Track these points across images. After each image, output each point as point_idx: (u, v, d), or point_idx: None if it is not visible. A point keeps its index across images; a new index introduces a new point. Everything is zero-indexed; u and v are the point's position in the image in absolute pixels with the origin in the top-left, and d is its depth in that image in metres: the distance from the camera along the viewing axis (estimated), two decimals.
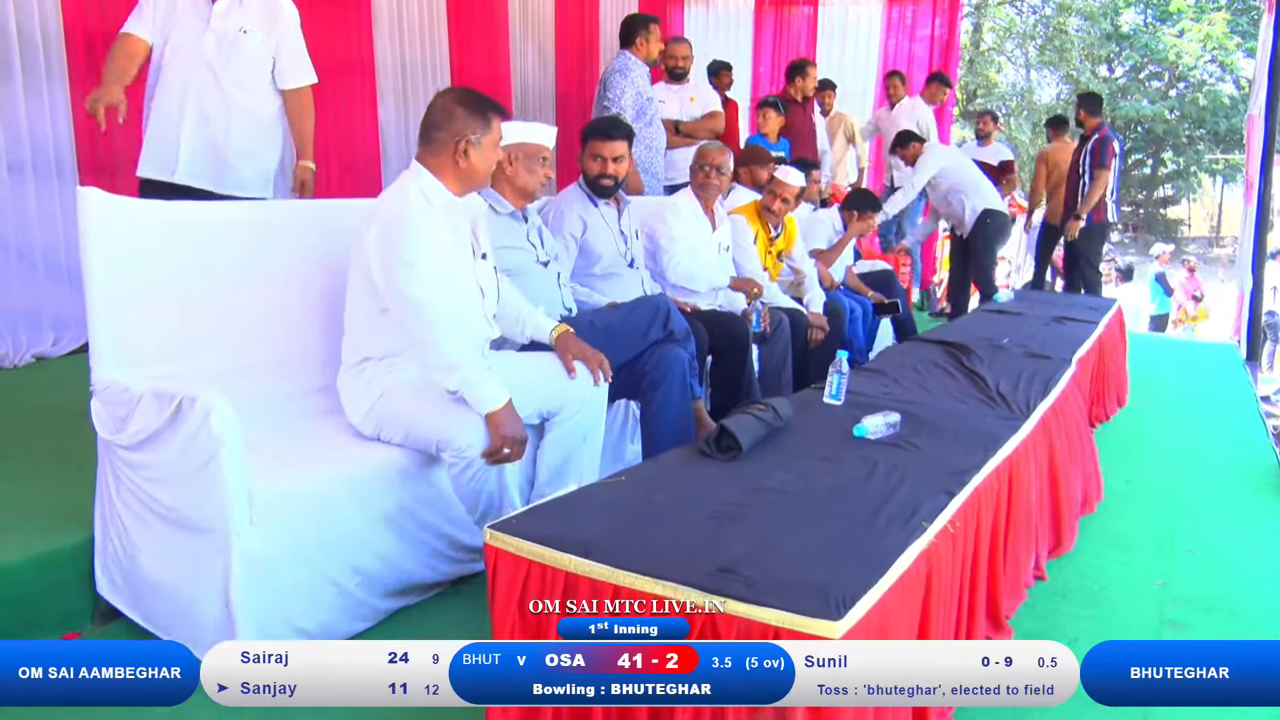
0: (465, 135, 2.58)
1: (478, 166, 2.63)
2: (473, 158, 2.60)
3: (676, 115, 5.63)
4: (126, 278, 2.48)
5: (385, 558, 2.55)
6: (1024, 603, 2.79)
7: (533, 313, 2.94)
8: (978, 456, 2.49)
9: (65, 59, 4.67)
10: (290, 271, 2.90)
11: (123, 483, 2.42)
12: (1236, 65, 23.20)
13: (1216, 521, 3.63)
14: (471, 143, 2.59)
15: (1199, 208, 28.79)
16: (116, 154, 4.99)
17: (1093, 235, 6.92)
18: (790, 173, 4.63)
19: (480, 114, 2.60)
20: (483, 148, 2.61)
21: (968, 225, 6.65)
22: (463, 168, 2.61)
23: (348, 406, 2.72)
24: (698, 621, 1.65)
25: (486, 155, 2.64)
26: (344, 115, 6.31)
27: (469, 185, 2.67)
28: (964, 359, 3.63)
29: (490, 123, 2.62)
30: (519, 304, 2.95)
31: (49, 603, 2.46)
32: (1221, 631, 2.72)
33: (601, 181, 3.62)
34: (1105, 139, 6.75)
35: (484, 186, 2.75)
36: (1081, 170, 6.81)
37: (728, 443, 2.41)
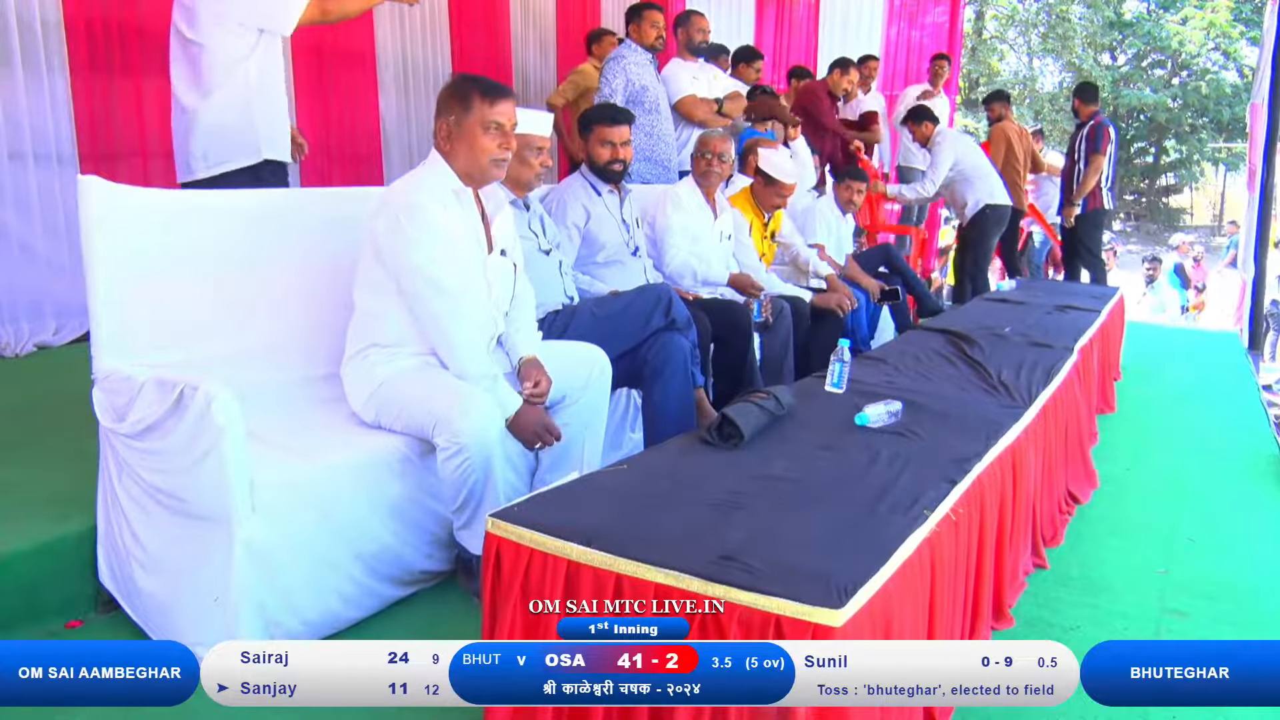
0: (445, 118, 2.58)
1: (462, 149, 2.59)
2: (455, 141, 2.58)
3: (706, 93, 5.40)
4: (127, 266, 2.48)
5: (386, 546, 2.56)
6: (1025, 591, 2.80)
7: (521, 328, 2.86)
8: (979, 445, 2.49)
9: (66, 48, 4.68)
10: (291, 259, 2.89)
11: (125, 471, 2.43)
12: (1239, 53, 23.14)
13: (1218, 510, 3.63)
14: (450, 124, 2.58)
15: (1201, 196, 28.74)
16: (117, 142, 5.00)
17: (1090, 222, 6.90)
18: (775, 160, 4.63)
19: (459, 96, 2.57)
20: (464, 129, 2.57)
21: (967, 215, 6.65)
22: (448, 151, 2.60)
23: (350, 393, 2.72)
24: (698, 614, 1.65)
25: (471, 136, 2.57)
26: (346, 106, 6.31)
27: (469, 170, 2.62)
28: (966, 348, 3.63)
29: (470, 103, 2.56)
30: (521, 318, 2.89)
31: (51, 590, 2.48)
32: (1223, 619, 2.72)
33: (612, 167, 3.61)
34: (1100, 125, 6.75)
35: (488, 172, 2.65)
36: (1077, 157, 6.80)
37: (729, 431, 2.41)
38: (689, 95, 5.32)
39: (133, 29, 4.94)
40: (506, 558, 1.88)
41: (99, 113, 4.86)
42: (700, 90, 5.40)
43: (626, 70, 4.89)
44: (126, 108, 4.98)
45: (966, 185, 6.61)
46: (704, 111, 5.34)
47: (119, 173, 4.70)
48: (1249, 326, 7.41)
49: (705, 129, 4.96)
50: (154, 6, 5.06)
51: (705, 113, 5.34)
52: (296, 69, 5.92)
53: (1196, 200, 28.75)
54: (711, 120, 5.34)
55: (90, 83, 4.81)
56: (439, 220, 2.55)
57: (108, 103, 4.89)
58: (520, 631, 1.84)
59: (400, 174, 2.74)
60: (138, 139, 5.04)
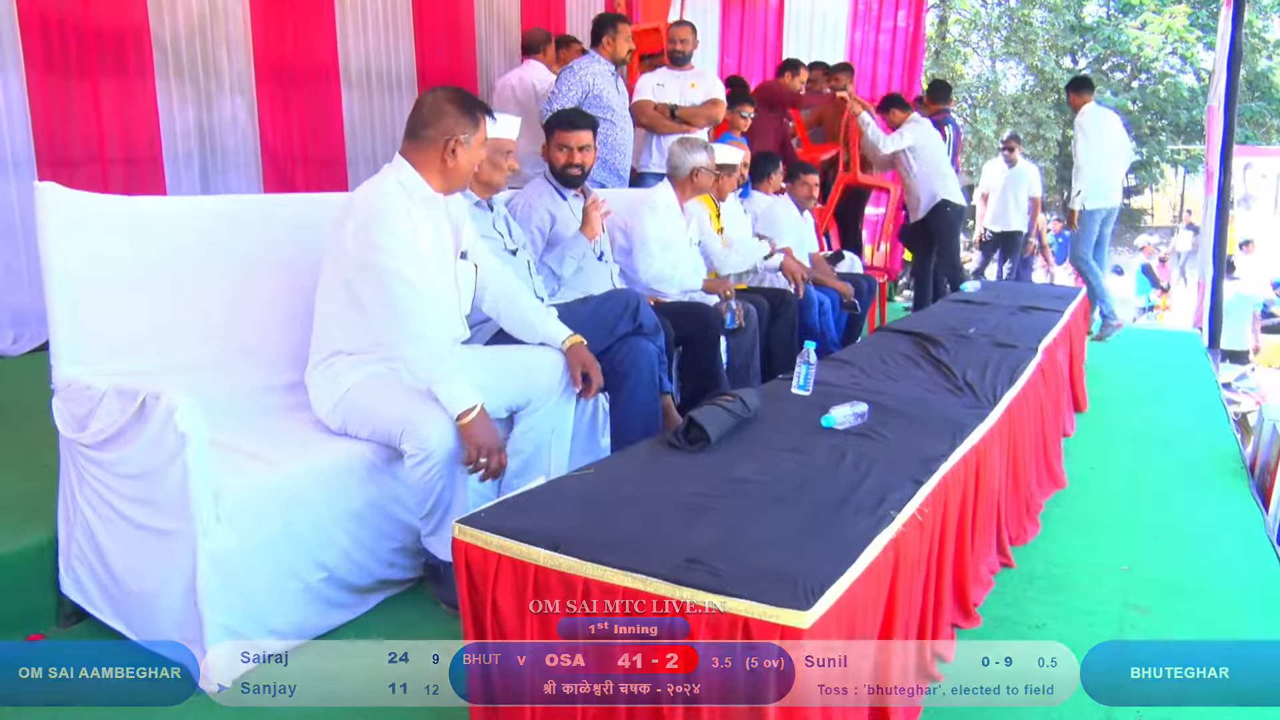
0: (455, 134, 2.60)
1: (464, 166, 2.65)
2: (460, 157, 2.62)
3: (675, 100, 5.57)
4: (86, 274, 2.45)
5: (352, 554, 2.54)
6: (992, 590, 2.82)
7: (545, 319, 2.92)
8: (945, 445, 2.50)
9: (20, 47, 4.59)
10: (254, 265, 2.87)
11: (86, 481, 2.39)
12: (1196, 57, 23.51)
13: (1181, 507, 3.68)
14: (461, 142, 2.60)
15: (1162, 198, 29.16)
16: (75, 147, 4.93)
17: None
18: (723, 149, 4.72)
19: (470, 114, 2.62)
20: (470, 147, 2.63)
21: (921, 210, 6.75)
22: (450, 166, 2.63)
23: (315, 401, 2.70)
24: (669, 608, 1.65)
25: (473, 155, 2.66)
26: (308, 109, 6.27)
27: (453, 183, 2.68)
28: (931, 349, 3.66)
29: (479, 123, 2.64)
30: (529, 306, 2.93)
31: (11, 603, 2.43)
32: (1185, 615, 2.75)
33: (569, 171, 3.63)
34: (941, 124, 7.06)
35: (466, 186, 2.77)
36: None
37: (696, 434, 2.42)
38: (641, 99, 5.53)
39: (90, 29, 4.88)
40: (474, 563, 1.87)
41: (57, 117, 4.79)
42: (668, 97, 5.55)
43: (584, 81, 4.96)
44: (85, 111, 4.92)
45: (925, 178, 6.73)
46: (650, 116, 5.52)
47: (77, 178, 4.65)
48: (1209, 326, 7.49)
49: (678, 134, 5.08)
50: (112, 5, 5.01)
51: (652, 117, 5.52)
52: (259, 72, 5.88)
53: (1157, 201, 29.16)
54: (661, 125, 5.52)
55: (47, 86, 4.74)
56: (405, 226, 2.54)
57: (65, 106, 4.83)
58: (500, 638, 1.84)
59: (365, 177, 2.73)
60: (96, 144, 4.98)
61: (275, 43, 5.98)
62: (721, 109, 5.68)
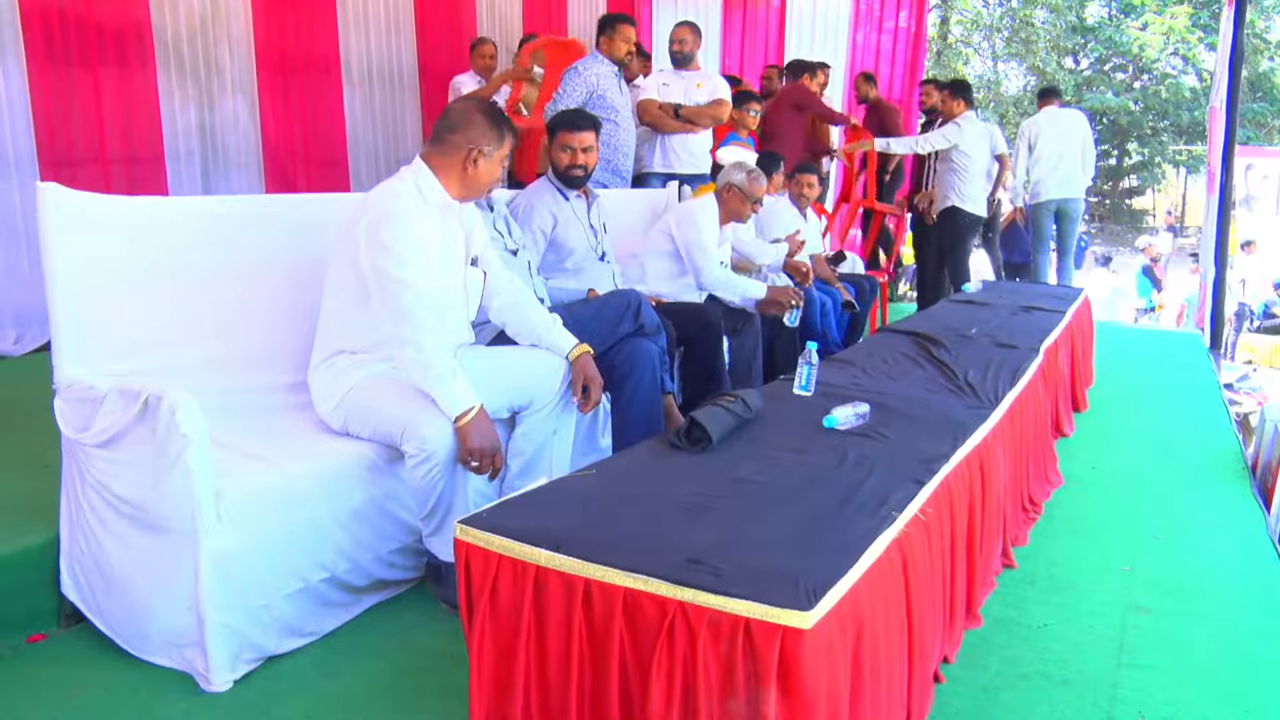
0: (480, 145, 2.63)
1: (483, 177, 2.68)
2: (481, 168, 2.65)
3: (680, 100, 5.56)
4: (88, 274, 2.45)
5: (352, 554, 2.54)
6: (994, 591, 2.82)
7: (550, 327, 2.92)
8: (946, 446, 2.50)
9: (22, 48, 4.60)
10: (256, 266, 2.87)
11: (88, 482, 2.39)
12: (1198, 58, 23.51)
13: (1182, 507, 3.68)
14: (484, 154, 2.64)
15: (1164, 198, 29.14)
16: (77, 147, 4.93)
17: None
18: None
19: (497, 128, 2.67)
20: (492, 160, 2.67)
21: (937, 208, 6.71)
22: (469, 175, 2.65)
23: (317, 400, 2.70)
24: (670, 608, 1.65)
25: (493, 169, 2.70)
26: (310, 109, 6.28)
27: (470, 192, 2.71)
28: (933, 349, 3.66)
29: (504, 140, 2.68)
30: (536, 317, 2.93)
31: (13, 603, 2.43)
32: (1187, 616, 2.75)
33: (572, 172, 3.63)
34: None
35: (482, 196, 2.81)
36: None
37: (697, 434, 2.42)
38: (646, 98, 5.52)
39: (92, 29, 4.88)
40: (475, 564, 1.87)
41: (58, 117, 4.80)
42: (673, 97, 5.54)
43: (587, 82, 4.95)
44: (87, 111, 4.93)
45: (956, 179, 6.63)
46: (654, 115, 5.51)
47: (79, 179, 4.65)
48: (1210, 326, 7.49)
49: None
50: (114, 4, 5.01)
51: (656, 116, 5.51)
52: (260, 73, 5.89)
53: (1158, 202, 29.14)
54: (664, 124, 5.51)
55: (49, 86, 4.74)
56: (417, 229, 2.54)
57: (67, 106, 4.83)
58: (501, 638, 1.84)
59: (367, 177, 2.75)
60: (98, 144, 4.99)
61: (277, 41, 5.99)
62: (726, 109, 5.67)
